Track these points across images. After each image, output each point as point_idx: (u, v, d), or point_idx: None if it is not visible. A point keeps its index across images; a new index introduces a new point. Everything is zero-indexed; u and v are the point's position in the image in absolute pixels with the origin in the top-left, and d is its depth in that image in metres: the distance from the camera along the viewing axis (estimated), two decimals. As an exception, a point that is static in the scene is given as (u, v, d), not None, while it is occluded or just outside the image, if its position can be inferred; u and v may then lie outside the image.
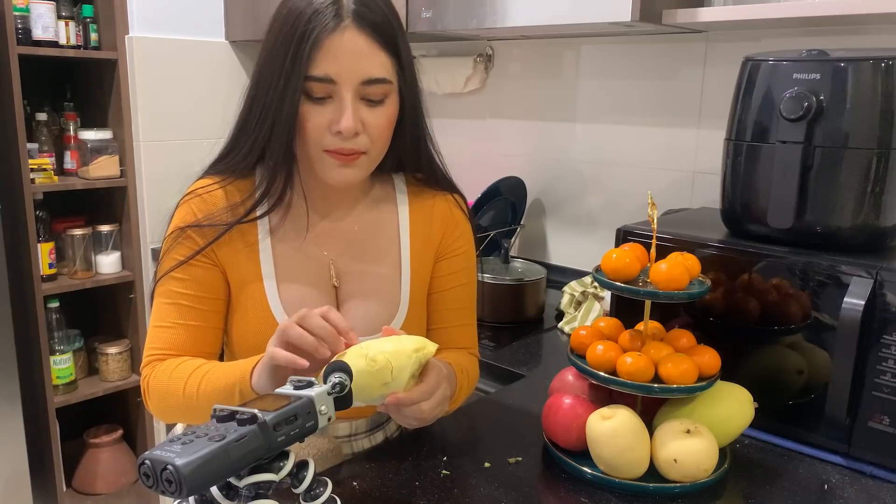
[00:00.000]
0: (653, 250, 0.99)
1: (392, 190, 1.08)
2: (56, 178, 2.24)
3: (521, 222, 2.00)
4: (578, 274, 1.87)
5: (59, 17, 2.18)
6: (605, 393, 1.03)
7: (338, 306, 1.02)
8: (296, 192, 0.99)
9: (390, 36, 0.91)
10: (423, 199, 1.08)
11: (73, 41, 2.23)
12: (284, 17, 0.90)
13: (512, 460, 1.00)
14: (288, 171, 0.95)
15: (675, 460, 0.92)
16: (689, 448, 0.92)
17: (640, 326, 1.04)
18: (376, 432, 1.09)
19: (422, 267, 1.07)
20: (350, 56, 0.88)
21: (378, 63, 0.90)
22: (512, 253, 1.90)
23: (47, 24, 2.14)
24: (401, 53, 0.93)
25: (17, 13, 2.08)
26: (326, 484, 0.74)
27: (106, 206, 2.43)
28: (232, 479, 0.67)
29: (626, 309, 1.21)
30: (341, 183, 0.96)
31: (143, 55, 2.25)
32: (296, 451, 0.72)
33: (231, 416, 0.66)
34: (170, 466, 0.59)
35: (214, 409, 0.67)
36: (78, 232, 2.29)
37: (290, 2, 0.91)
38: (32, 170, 2.13)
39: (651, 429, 0.97)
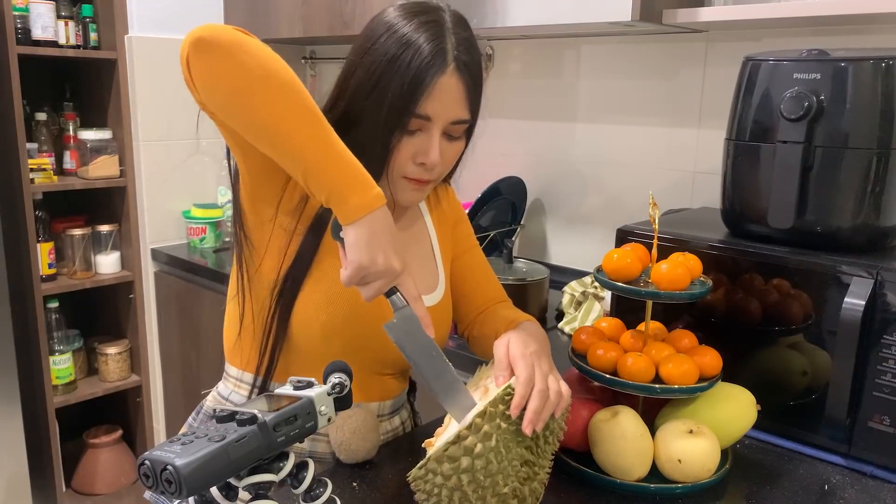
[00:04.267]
0: (654, 250, 0.99)
1: None
2: (55, 178, 2.24)
3: (522, 222, 2.00)
4: (578, 274, 1.87)
5: (59, 16, 2.18)
6: (607, 393, 1.03)
7: None
8: None
9: (480, 80, 0.96)
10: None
11: (72, 41, 2.23)
12: (396, 50, 0.90)
13: (512, 460, 0.99)
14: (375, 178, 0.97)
15: (679, 460, 0.92)
16: (692, 448, 0.92)
17: (641, 327, 1.04)
18: (394, 417, 1.10)
19: (444, 233, 1.12)
20: (449, 99, 0.92)
21: (468, 106, 0.95)
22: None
23: (47, 24, 2.14)
24: (481, 95, 0.98)
25: (16, 13, 2.09)
26: (326, 484, 0.74)
27: (105, 206, 2.43)
28: (232, 480, 0.67)
29: (626, 309, 1.21)
30: (412, 203, 1.02)
31: (142, 55, 2.25)
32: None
33: (231, 417, 0.66)
34: (169, 467, 0.59)
35: (214, 410, 0.67)
36: (77, 232, 2.29)
37: (397, 31, 0.91)
38: (32, 170, 2.13)
39: (653, 430, 0.97)
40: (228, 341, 1.05)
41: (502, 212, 1.95)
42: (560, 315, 1.71)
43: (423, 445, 0.88)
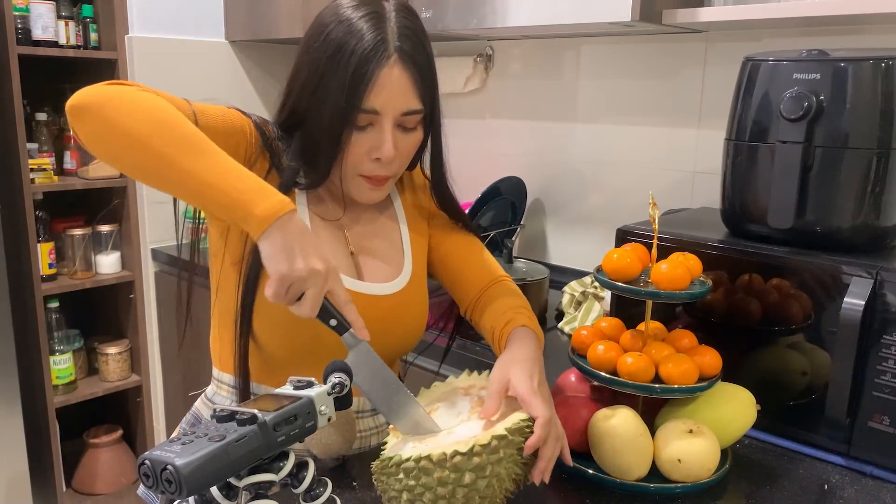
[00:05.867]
0: (654, 250, 0.99)
1: None
2: (56, 178, 2.24)
3: (521, 222, 2.00)
4: (578, 274, 1.86)
5: (59, 17, 2.18)
6: (607, 393, 1.03)
7: (358, 264, 1.02)
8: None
9: (427, 67, 0.94)
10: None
11: (72, 41, 2.23)
12: (336, 46, 0.90)
13: (512, 460, 0.99)
14: (324, 177, 0.97)
15: (678, 460, 0.92)
16: (692, 448, 0.92)
17: (641, 327, 1.04)
18: (377, 414, 1.08)
19: (416, 225, 1.10)
20: (396, 90, 0.90)
21: (417, 95, 0.93)
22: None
23: (47, 24, 2.14)
24: (434, 82, 0.96)
25: (17, 13, 2.09)
26: (326, 484, 0.74)
27: (106, 206, 2.43)
28: (232, 479, 0.67)
29: (626, 309, 1.21)
30: (371, 202, 1.01)
31: (143, 55, 2.25)
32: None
33: (231, 417, 0.66)
34: (170, 466, 0.59)
35: (215, 410, 0.67)
36: (78, 232, 2.29)
37: (337, 26, 0.91)
38: (32, 170, 2.13)
39: (653, 429, 0.97)
40: (211, 343, 1.07)
41: (502, 212, 1.95)
42: (560, 315, 1.71)
43: (389, 430, 0.88)
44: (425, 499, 0.78)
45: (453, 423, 0.87)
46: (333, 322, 0.82)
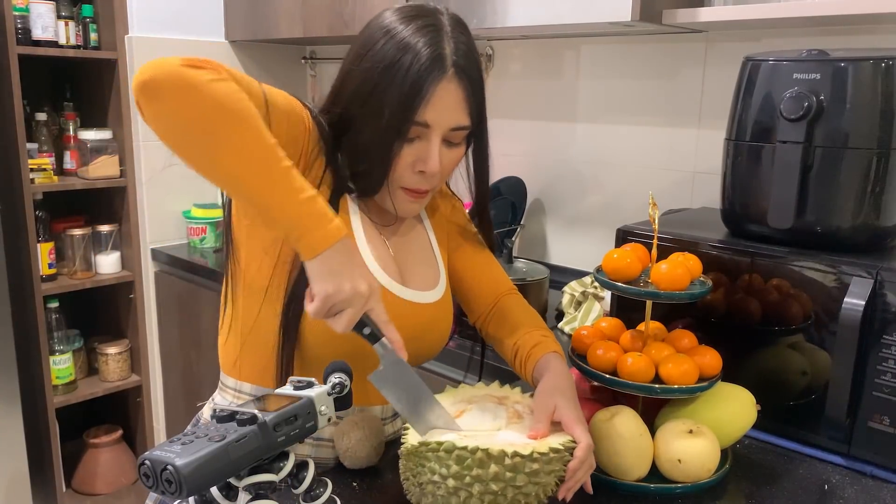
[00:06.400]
0: (654, 250, 0.99)
1: None
2: (56, 178, 2.24)
3: (521, 222, 2.00)
4: (578, 274, 1.86)
5: (59, 16, 2.18)
6: (607, 393, 1.03)
7: (400, 272, 1.02)
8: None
9: (479, 83, 0.95)
10: None
11: (72, 41, 2.23)
12: (391, 58, 0.89)
13: (512, 460, 0.99)
14: (376, 189, 0.98)
15: (679, 460, 0.92)
16: (692, 448, 0.92)
17: (641, 327, 1.04)
18: (397, 419, 1.09)
19: (441, 236, 1.11)
20: (448, 105, 0.91)
21: (467, 111, 0.94)
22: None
23: (47, 24, 2.14)
24: (483, 99, 0.97)
25: (16, 13, 2.09)
26: (326, 484, 0.75)
27: (105, 206, 2.43)
28: (232, 480, 0.67)
29: (626, 309, 1.21)
30: (410, 214, 1.02)
31: (142, 55, 2.25)
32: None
33: (231, 417, 0.66)
34: (170, 467, 0.59)
35: (214, 410, 0.67)
36: (78, 232, 2.29)
37: (393, 37, 0.90)
38: (32, 170, 2.13)
39: (653, 430, 0.97)
40: (225, 352, 1.02)
41: (502, 212, 1.95)
42: (560, 315, 1.71)
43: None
44: (474, 490, 0.79)
45: (487, 426, 0.88)
46: (367, 330, 0.83)
